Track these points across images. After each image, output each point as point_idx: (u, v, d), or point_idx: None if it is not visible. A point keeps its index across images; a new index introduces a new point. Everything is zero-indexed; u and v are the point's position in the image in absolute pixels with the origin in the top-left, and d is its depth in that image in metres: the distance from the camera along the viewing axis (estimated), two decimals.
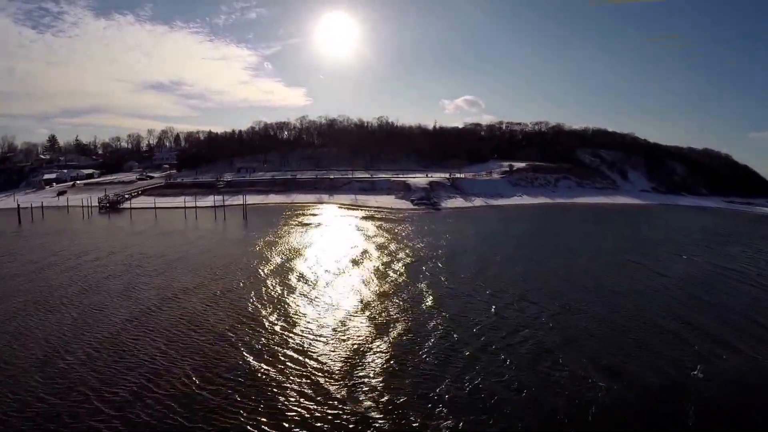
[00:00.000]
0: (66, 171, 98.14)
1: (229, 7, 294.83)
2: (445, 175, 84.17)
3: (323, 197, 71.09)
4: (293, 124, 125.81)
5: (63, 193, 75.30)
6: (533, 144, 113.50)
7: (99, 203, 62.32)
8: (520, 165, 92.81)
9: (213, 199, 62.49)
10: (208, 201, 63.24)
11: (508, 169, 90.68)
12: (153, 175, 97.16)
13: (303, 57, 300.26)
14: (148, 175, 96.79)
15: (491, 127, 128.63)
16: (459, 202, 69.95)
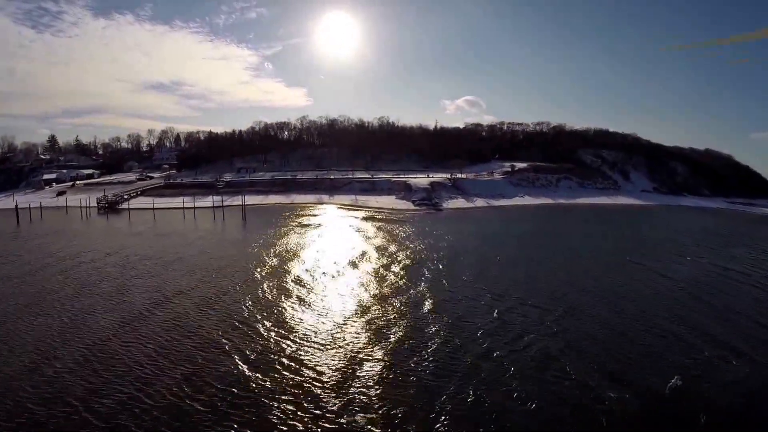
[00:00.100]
0: (66, 171, 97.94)
1: (229, 7, 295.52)
2: (446, 176, 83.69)
3: (323, 198, 70.70)
4: (293, 124, 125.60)
5: (62, 194, 75.00)
6: (534, 144, 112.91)
7: (97, 204, 61.99)
8: (521, 165, 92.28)
9: (212, 200, 62.16)
10: (207, 201, 62.90)
11: (509, 170, 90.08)
12: (153, 176, 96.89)
13: (304, 57, 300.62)
14: (147, 176, 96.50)
15: (492, 128, 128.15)
16: (460, 202, 69.49)
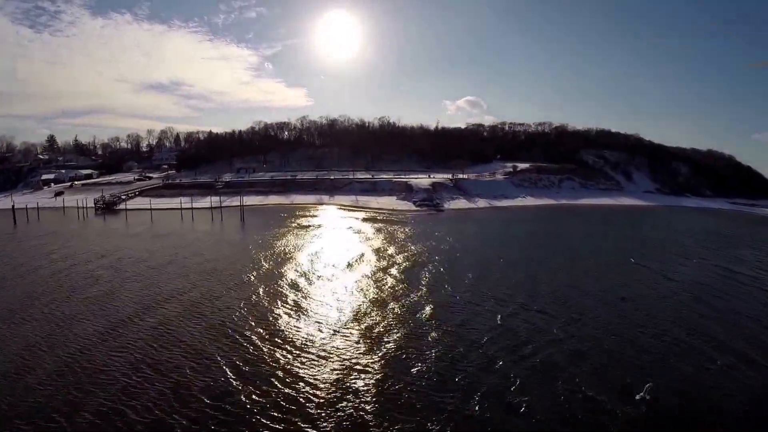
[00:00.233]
0: (64, 171, 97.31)
1: (228, 6, 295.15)
2: (448, 176, 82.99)
3: (323, 198, 70.05)
4: (294, 124, 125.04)
5: (60, 194, 74.41)
6: (536, 145, 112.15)
7: (95, 204, 61.43)
8: (523, 166, 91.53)
9: (210, 201, 61.47)
10: (205, 202, 62.30)
11: (511, 170, 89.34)
12: (152, 176, 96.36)
13: (304, 57, 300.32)
14: (146, 176, 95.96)
15: (494, 128, 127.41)
16: (462, 203, 68.79)
